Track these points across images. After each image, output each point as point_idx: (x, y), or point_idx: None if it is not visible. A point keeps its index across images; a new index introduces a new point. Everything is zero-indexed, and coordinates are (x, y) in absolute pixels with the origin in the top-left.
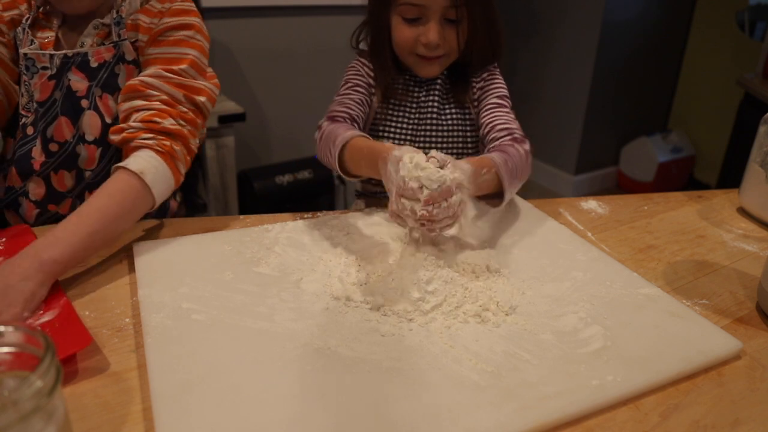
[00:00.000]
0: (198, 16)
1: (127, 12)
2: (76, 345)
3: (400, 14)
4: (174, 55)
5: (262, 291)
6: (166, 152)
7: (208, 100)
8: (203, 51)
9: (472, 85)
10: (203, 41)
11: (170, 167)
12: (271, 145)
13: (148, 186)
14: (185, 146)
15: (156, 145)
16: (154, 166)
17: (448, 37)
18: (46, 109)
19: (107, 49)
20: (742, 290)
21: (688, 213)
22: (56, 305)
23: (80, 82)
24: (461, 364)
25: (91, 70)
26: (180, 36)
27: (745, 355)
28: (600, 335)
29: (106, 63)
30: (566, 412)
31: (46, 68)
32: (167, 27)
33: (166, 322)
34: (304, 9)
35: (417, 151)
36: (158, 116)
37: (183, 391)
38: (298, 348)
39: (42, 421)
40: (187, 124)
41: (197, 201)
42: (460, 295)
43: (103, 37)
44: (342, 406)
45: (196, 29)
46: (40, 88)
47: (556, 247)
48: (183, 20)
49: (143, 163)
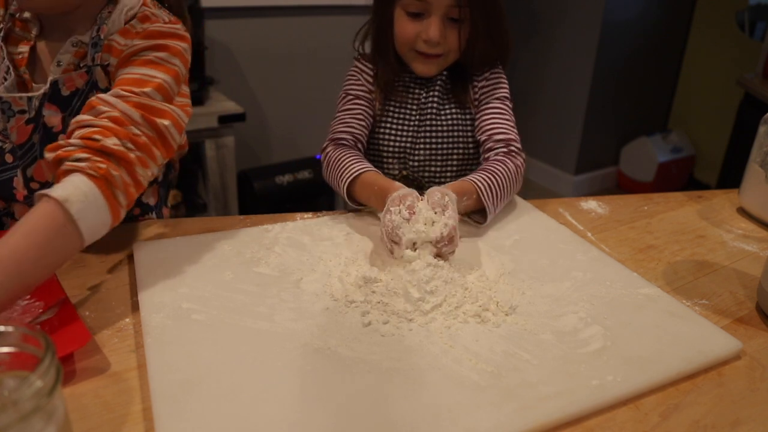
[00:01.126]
0: (182, 40)
1: (108, 32)
2: (75, 343)
3: (403, 8)
4: (139, 76)
5: (262, 291)
6: (100, 176)
7: (173, 125)
8: (177, 77)
9: (474, 84)
10: (179, 66)
11: (105, 195)
12: (271, 145)
13: (73, 218)
14: (130, 174)
15: (89, 167)
16: (84, 193)
17: (449, 36)
18: (24, 152)
19: (79, 75)
20: (742, 290)
21: (688, 213)
22: (55, 303)
23: (54, 116)
24: (461, 364)
25: (62, 100)
26: (150, 57)
27: (745, 355)
28: (600, 335)
29: (79, 91)
30: (566, 412)
31: (24, 111)
32: (138, 49)
33: (166, 322)
34: (304, 9)
35: (417, 197)
36: (100, 133)
37: (183, 391)
38: (297, 348)
39: (42, 421)
40: (137, 149)
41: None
42: (460, 295)
43: (79, 57)
44: (342, 406)
45: (172, 52)
46: (17, 132)
47: (556, 247)
48: (157, 42)
49: (70, 189)
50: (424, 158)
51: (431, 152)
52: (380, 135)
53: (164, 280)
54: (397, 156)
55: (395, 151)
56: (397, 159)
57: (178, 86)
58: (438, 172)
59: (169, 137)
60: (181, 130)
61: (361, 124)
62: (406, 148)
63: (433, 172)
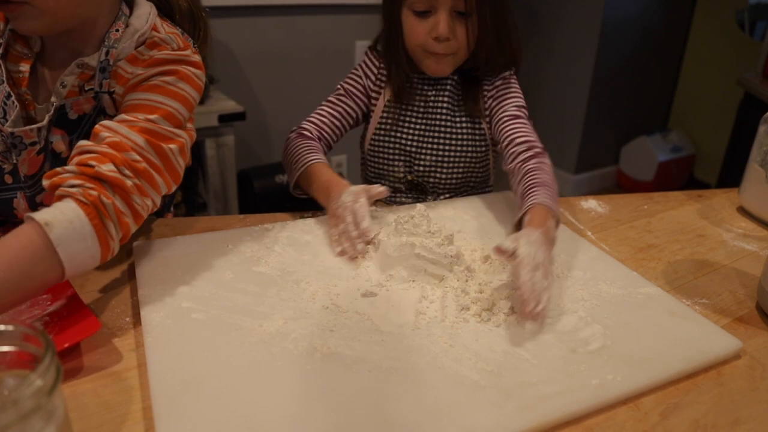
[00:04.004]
0: (192, 65)
1: (117, 57)
2: (85, 331)
3: (410, 8)
4: (147, 102)
5: (262, 290)
6: (89, 203)
7: (180, 150)
8: (186, 103)
9: (484, 93)
10: (189, 91)
11: (93, 224)
12: (271, 145)
13: (52, 245)
14: (125, 201)
15: (80, 194)
16: (69, 219)
17: (458, 32)
18: (35, 182)
19: (87, 99)
20: (742, 289)
21: (688, 212)
22: (63, 296)
23: (61, 141)
24: (461, 363)
25: (69, 124)
26: (158, 82)
27: (745, 354)
28: (600, 334)
29: (86, 115)
30: (566, 411)
31: (35, 143)
32: (144, 77)
33: (166, 321)
34: (305, 8)
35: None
36: (97, 159)
37: (183, 390)
38: (297, 347)
39: (42, 420)
40: (136, 177)
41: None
42: (461, 294)
43: (85, 80)
44: (342, 406)
45: (180, 76)
46: (28, 163)
47: (556, 247)
48: (163, 68)
49: (54, 214)
50: (430, 164)
51: (438, 158)
52: (386, 136)
53: (164, 279)
54: (403, 159)
55: (401, 153)
56: (403, 162)
57: (189, 112)
58: (443, 179)
59: (175, 162)
60: (186, 156)
61: (334, 123)
62: (411, 151)
63: (438, 178)
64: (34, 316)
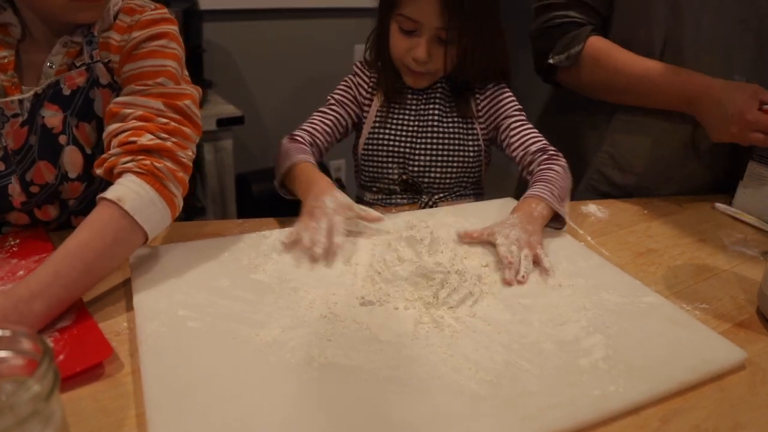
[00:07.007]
0: (171, 23)
1: (100, 29)
2: (97, 356)
3: (398, 23)
4: (149, 69)
5: (258, 298)
6: (147, 172)
7: (193, 103)
8: (179, 60)
9: (476, 97)
10: (178, 49)
11: (155, 188)
12: (269, 148)
13: (129, 214)
14: (173, 160)
15: (135, 166)
16: (135, 191)
17: (436, 56)
18: (22, 157)
19: (79, 73)
20: (742, 294)
21: (687, 217)
22: (74, 313)
23: (54, 117)
24: (461, 373)
25: (64, 99)
26: (153, 47)
27: (745, 359)
28: (602, 344)
29: (80, 89)
30: (567, 423)
31: (17, 115)
32: (139, 41)
33: (162, 329)
34: (303, 12)
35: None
36: (134, 135)
37: (177, 399)
38: (295, 356)
39: (39, 425)
40: (171, 136)
41: (195, 204)
42: (460, 293)
43: (73, 57)
44: (339, 416)
45: (170, 37)
46: (13, 136)
47: (557, 254)
48: (154, 30)
49: (122, 190)
50: (424, 164)
51: (431, 158)
52: (379, 138)
53: (160, 286)
54: (397, 160)
55: (395, 154)
56: (397, 163)
57: (182, 69)
58: (438, 179)
59: (192, 114)
60: (198, 105)
61: (326, 131)
62: (405, 152)
63: (432, 178)
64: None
